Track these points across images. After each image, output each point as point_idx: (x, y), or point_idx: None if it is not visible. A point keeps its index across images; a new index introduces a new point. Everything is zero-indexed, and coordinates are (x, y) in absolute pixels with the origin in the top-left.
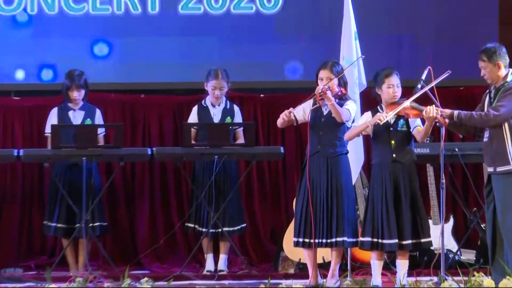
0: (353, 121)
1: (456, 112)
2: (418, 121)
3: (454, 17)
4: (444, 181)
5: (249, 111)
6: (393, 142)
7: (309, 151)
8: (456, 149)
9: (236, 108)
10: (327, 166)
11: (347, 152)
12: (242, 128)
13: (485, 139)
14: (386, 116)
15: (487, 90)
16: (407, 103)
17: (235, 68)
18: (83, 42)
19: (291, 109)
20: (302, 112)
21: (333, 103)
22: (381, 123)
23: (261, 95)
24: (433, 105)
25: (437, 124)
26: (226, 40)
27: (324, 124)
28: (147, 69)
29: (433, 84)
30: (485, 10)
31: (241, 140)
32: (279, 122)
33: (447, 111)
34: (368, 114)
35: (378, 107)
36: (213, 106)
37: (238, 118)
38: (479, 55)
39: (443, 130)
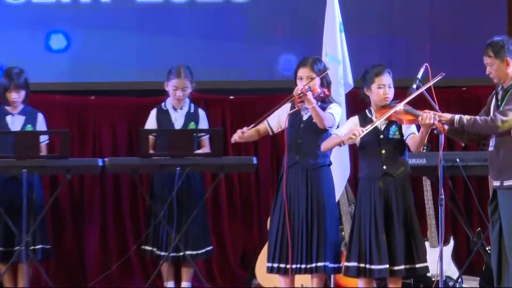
0: (338, 127)
1: (457, 117)
2: (413, 127)
3: (455, 9)
4: (443, 196)
5: (216, 116)
6: (383, 151)
7: (286, 162)
8: (457, 160)
9: (201, 112)
10: (307, 179)
11: (330, 164)
12: (208, 135)
13: (490, 148)
14: (364, 130)
15: (494, 91)
16: (400, 106)
17: (201, 66)
18: (22, 35)
19: (244, 129)
20: (277, 119)
21: (314, 106)
22: (356, 139)
23: (231, 97)
24: (431, 110)
25: (435, 131)
26: (190, 34)
27: (304, 131)
28: (97, 67)
29: (430, 84)
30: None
31: (207, 149)
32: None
33: (447, 115)
34: (354, 119)
35: (367, 111)
36: (175, 109)
37: (204, 124)
38: (484, 50)
39: (442, 138)
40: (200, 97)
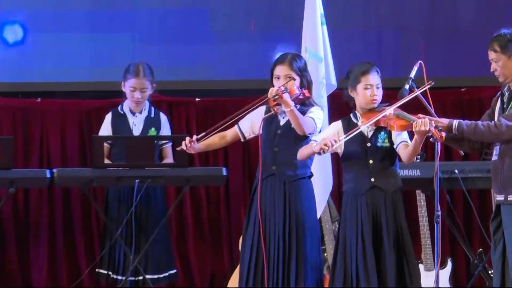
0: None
1: (455, 122)
2: (405, 134)
3: (454, 0)
4: (439, 213)
5: (180, 120)
6: (371, 162)
7: (261, 173)
8: (456, 171)
9: (163, 117)
10: (284, 193)
11: (311, 175)
12: (171, 143)
13: (494, 158)
14: (339, 139)
15: (499, 92)
16: (390, 110)
17: (162, 64)
18: None
19: (194, 137)
20: (249, 123)
21: (293, 109)
22: (329, 151)
23: (197, 99)
24: (425, 115)
25: (431, 139)
26: (150, 28)
27: (281, 138)
28: (44, 65)
29: (417, 92)
30: None
31: (169, 159)
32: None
33: (444, 121)
34: (337, 125)
35: (351, 115)
36: (133, 113)
37: (166, 130)
38: (489, 44)
39: (438, 146)
40: (162, 99)
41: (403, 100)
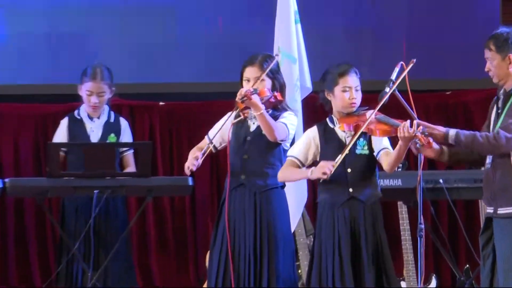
0: (293, 142)
1: (452, 132)
2: (386, 140)
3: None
4: (423, 226)
5: (143, 126)
6: (349, 171)
7: (229, 183)
8: (441, 181)
9: (123, 122)
10: (255, 204)
11: (284, 185)
12: (132, 150)
13: (487, 166)
14: (335, 164)
15: (495, 98)
16: (371, 114)
17: (123, 65)
18: None
19: (197, 153)
20: (218, 131)
21: (263, 113)
22: (327, 177)
23: (161, 103)
24: (412, 120)
25: (417, 145)
26: (108, 25)
27: (251, 145)
28: None
29: (401, 77)
30: None
31: (131, 167)
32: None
33: (440, 129)
34: (312, 132)
35: (328, 119)
36: (90, 118)
37: (127, 136)
38: (486, 43)
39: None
40: (123, 103)
41: (382, 100)
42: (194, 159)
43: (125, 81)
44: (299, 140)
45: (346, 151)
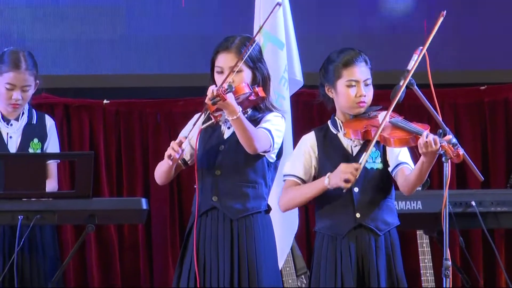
0: (280, 153)
1: None
2: (404, 152)
3: None
4: (450, 263)
5: (82, 132)
6: (356, 190)
7: (198, 206)
8: (473, 203)
9: (48, 121)
10: (231, 234)
11: (269, 210)
12: (56, 161)
13: None
14: (360, 164)
15: None
16: (384, 117)
17: (53, 51)
18: None
19: (181, 137)
20: (189, 145)
21: (239, 117)
22: (350, 185)
23: (105, 101)
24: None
25: (443, 158)
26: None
27: (225, 157)
28: None
29: (417, 60)
30: None
31: (53, 179)
32: (161, 172)
33: None
34: (309, 139)
35: (329, 122)
36: (6, 121)
37: (53, 140)
38: None
39: (447, 167)
40: (51, 102)
41: (396, 98)
42: (177, 144)
43: (59, 73)
44: (295, 153)
45: (371, 148)
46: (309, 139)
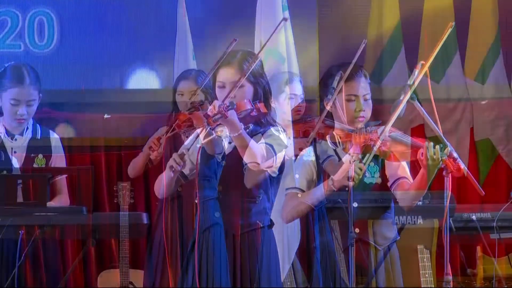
0: (282, 168)
1: None
2: (403, 167)
3: None
4: (451, 277)
5: (82, 144)
6: (355, 205)
7: (199, 222)
8: (474, 218)
9: (54, 137)
10: (234, 250)
11: (272, 224)
12: (64, 176)
13: None
14: (363, 164)
15: None
16: (383, 131)
17: (53, 67)
18: None
19: (183, 149)
20: (189, 160)
21: (241, 133)
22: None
23: (105, 116)
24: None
25: (444, 172)
26: None
27: (227, 172)
28: None
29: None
30: None
31: (63, 195)
32: (162, 185)
33: None
34: (307, 152)
35: (328, 137)
36: (10, 136)
37: (59, 156)
38: None
39: (448, 181)
40: (53, 115)
41: (396, 112)
42: (178, 156)
43: (57, 87)
44: (296, 166)
45: (375, 149)
46: (310, 153)
